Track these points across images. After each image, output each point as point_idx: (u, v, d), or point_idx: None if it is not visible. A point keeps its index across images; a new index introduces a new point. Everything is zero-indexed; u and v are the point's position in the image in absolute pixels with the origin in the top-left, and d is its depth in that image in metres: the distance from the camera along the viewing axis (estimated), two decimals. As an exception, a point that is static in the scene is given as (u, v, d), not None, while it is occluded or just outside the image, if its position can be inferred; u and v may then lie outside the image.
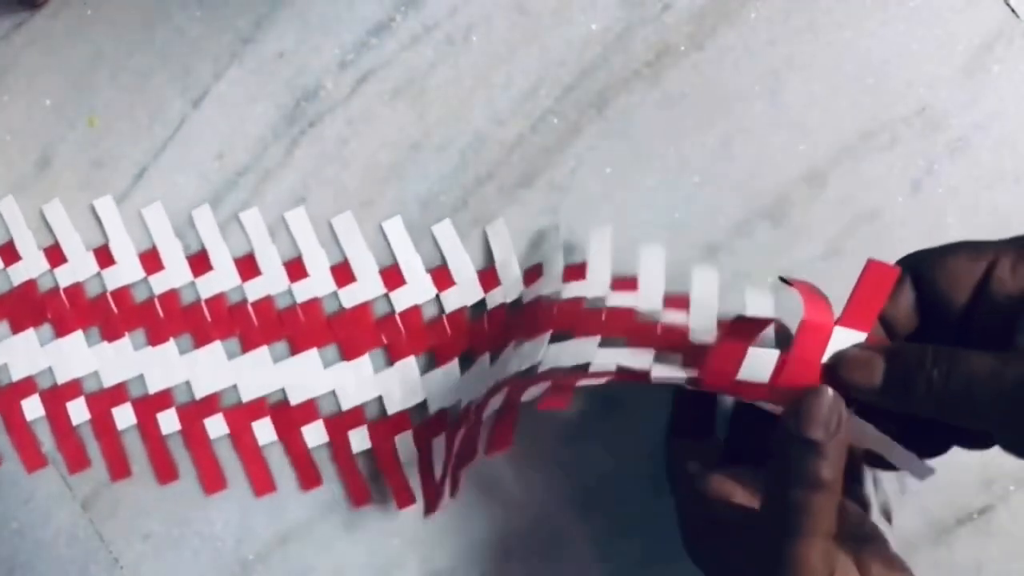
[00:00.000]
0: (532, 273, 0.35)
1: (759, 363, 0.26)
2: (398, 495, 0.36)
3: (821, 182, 0.35)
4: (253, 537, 0.37)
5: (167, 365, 0.37)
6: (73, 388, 0.37)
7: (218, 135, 0.37)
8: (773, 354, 0.26)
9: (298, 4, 0.37)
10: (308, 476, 0.36)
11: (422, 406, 0.36)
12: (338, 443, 0.36)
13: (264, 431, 0.37)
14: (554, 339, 0.31)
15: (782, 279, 0.28)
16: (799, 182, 0.35)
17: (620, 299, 0.32)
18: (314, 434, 0.36)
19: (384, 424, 0.36)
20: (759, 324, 0.26)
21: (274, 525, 0.37)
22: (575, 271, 0.34)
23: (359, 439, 0.36)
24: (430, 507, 0.34)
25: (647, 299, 0.32)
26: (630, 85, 0.36)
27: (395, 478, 0.36)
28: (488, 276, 0.36)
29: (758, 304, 0.31)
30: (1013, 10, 0.35)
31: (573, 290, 0.33)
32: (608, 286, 0.33)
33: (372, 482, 0.36)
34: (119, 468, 0.37)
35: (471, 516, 0.36)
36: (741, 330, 0.26)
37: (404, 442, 0.36)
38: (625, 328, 0.31)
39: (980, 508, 0.34)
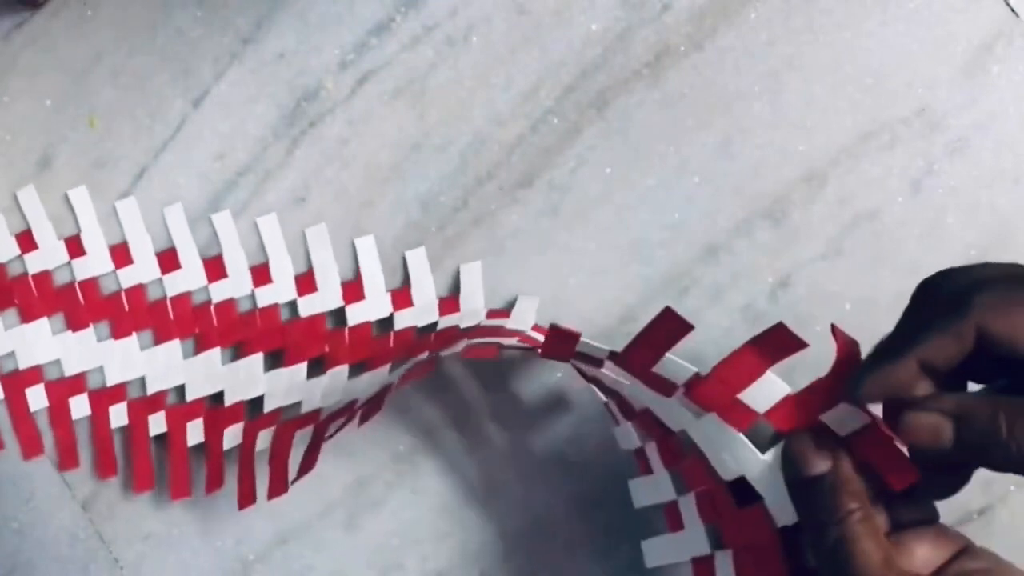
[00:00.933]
0: (497, 314, 0.36)
1: (765, 392, 0.25)
2: (274, 485, 0.34)
3: (821, 182, 0.35)
4: (253, 537, 0.37)
5: (127, 359, 0.37)
6: (34, 374, 0.37)
7: (218, 135, 0.37)
8: (782, 390, 0.25)
9: (298, 4, 0.37)
10: (215, 477, 0.36)
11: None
12: (247, 444, 0.36)
13: (195, 432, 0.36)
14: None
15: (833, 328, 0.26)
16: (799, 182, 0.35)
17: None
18: (232, 436, 0.36)
19: (291, 423, 0.35)
20: (792, 344, 0.24)
21: (274, 525, 0.37)
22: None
23: (264, 439, 0.36)
24: (305, 470, 0.33)
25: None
26: (630, 85, 0.36)
27: (278, 470, 0.35)
28: (448, 303, 0.36)
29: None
30: (1013, 10, 0.35)
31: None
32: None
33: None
34: (68, 458, 0.37)
35: (471, 516, 0.36)
36: (768, 346, 0.25)
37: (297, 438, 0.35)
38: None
39: (980, 508, 0.34)
